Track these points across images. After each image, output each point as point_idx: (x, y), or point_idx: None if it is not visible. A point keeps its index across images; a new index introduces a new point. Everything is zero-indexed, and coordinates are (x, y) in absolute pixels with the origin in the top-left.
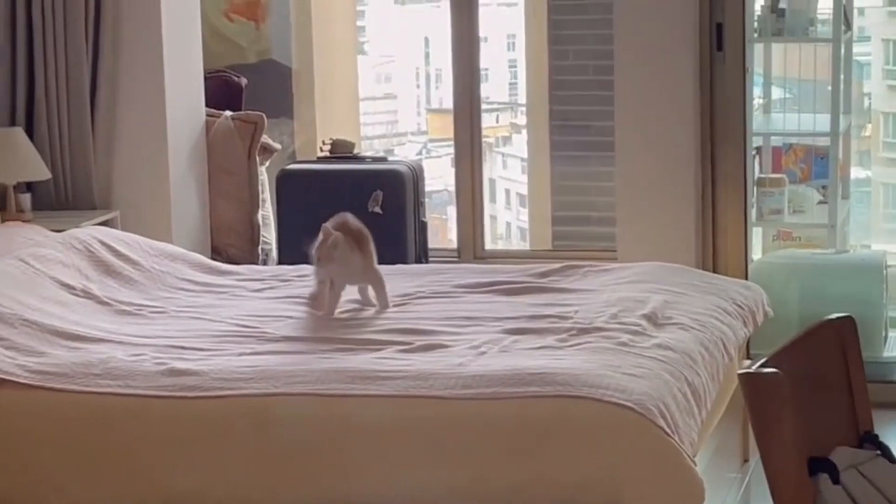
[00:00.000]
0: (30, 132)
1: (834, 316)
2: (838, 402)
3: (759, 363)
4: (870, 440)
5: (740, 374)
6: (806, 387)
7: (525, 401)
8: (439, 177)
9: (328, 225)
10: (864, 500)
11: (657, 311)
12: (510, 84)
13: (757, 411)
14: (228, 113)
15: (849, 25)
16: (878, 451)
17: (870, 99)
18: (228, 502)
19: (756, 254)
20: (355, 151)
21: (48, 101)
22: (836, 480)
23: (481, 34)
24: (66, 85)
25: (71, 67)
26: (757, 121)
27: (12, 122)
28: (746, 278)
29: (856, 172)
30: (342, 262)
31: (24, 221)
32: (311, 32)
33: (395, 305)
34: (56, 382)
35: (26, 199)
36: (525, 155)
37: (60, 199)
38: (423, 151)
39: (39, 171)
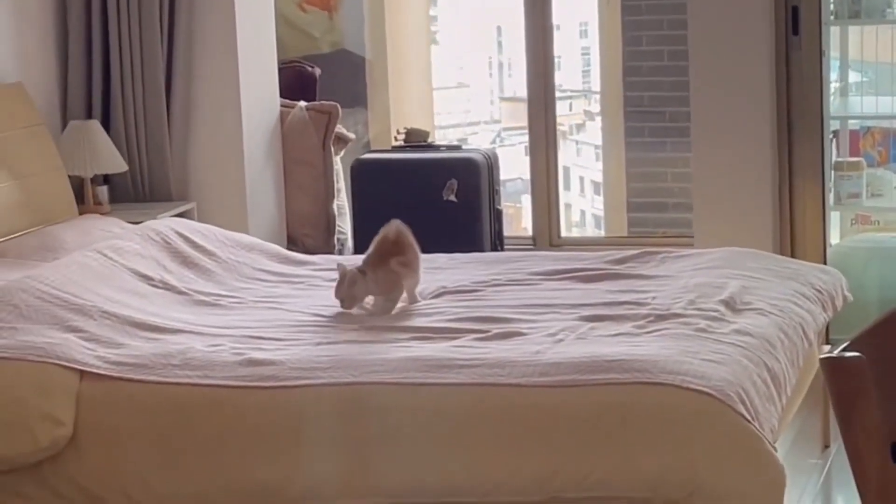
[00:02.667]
0: (106, 125)
1: None
2: None
3: (840, 348)
4: None
5: (822, 359)
6: (887, 371)
7: (603, 388)
8: (513, 165)
9: (343, 263)
10: None
11: (735, 297)
12: (583, 71)
13: (839, 396)
14: (303, 103)
15: None
16: None
17: None
18: (307, 492)
19: (834, 238)
20: (430, 140)
21: (124, 93)
22: None
23: (554, 22)
24: (141, 77)
25: (146, 60)
26: (834, 104)
27: (89, 115)
28: (825, 263)
29: None
30: (364, 293)
31: (101, 214)
32: (384, 22)
33: (470, 292)
34: (135, 373)
35: (103, 191)
36: (599, 142)
37: (137, 191)
38: (497, 140)
39: (116, 163)
